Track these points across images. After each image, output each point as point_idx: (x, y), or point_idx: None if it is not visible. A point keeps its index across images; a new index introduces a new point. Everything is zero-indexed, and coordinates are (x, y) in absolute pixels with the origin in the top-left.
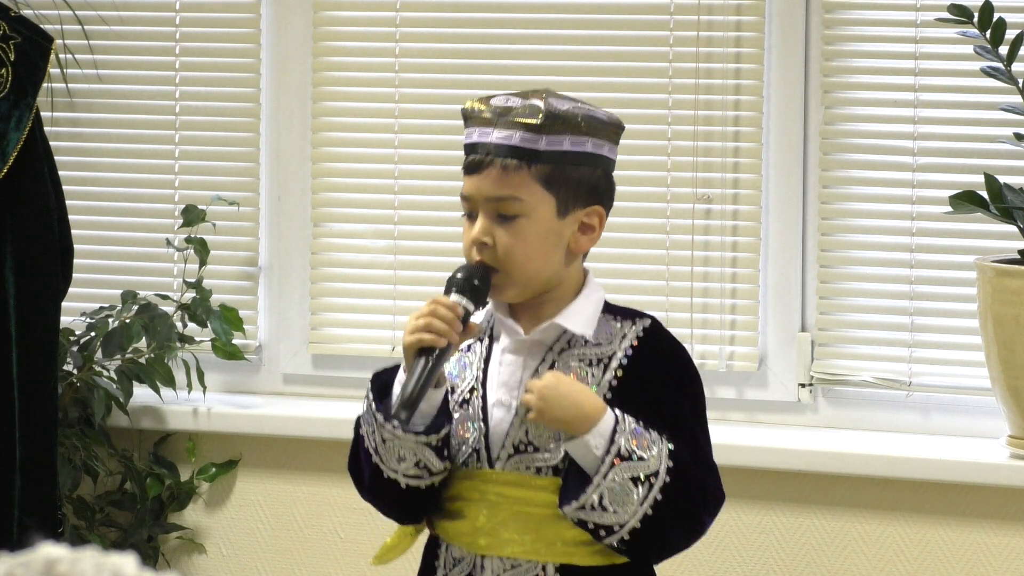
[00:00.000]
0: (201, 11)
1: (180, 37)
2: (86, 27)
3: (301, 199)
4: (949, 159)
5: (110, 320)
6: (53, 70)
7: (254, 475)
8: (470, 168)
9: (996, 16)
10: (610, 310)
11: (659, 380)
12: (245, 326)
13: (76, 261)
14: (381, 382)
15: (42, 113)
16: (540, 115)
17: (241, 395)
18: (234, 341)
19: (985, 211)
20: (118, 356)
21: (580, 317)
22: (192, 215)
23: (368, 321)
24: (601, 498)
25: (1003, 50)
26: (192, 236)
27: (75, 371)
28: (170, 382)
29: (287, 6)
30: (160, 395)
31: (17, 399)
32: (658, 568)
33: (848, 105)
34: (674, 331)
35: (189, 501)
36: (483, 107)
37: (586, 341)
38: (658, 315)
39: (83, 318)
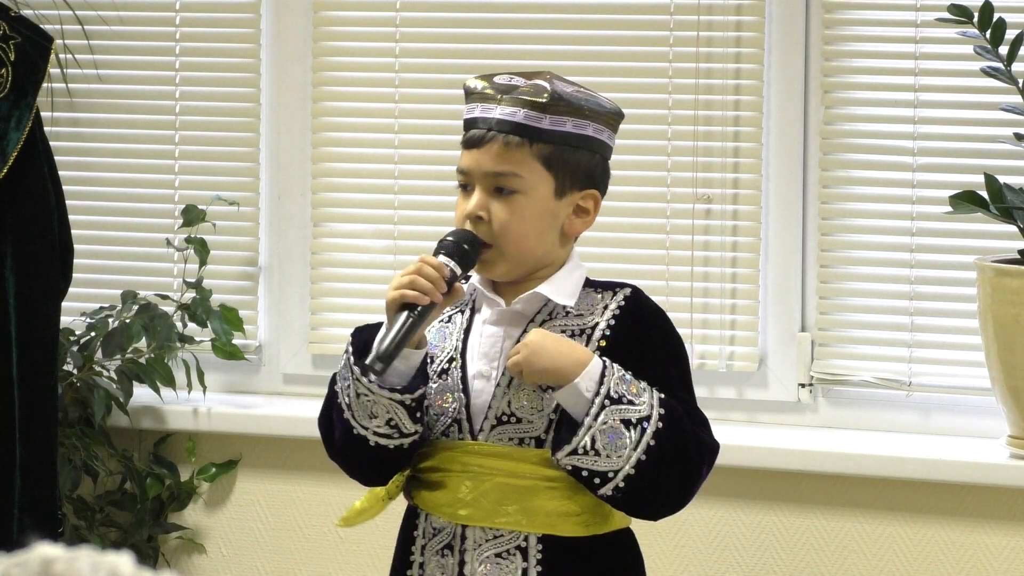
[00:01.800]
0: (201, 11)
1: (180, 37)
2: (86, 27)
3: (301, 199)
4: (949, 159)
5: (110, 320)
6: (53, 70)
7: (254, 475)
8: (471, 142)
9: (996, 16)
10: (591, 284)
11: (643, 346)
12: (245, 326)
13: (76, 261)
14: (363, 338)
15: (42, 113)
16: (546, 95)
17: (241, 395)
18: (234, 341)
19: (985, 211)
20: (118, 356)
21: (562, 288)
22: (192, 215)
23: (368, 321)
24: (593, 441)
25: (1003, 50)
26: (192, 236)
27: (75, 371)
28: (170, 382)
29: (287, 6)
30: (160, 395)
31: (17, 399)
32: (658, 567)
33: (848, 105)
34: None
35: (189, 501)
36: (486, 83)
37: (567, 312)
38: None
39: (83, 318)
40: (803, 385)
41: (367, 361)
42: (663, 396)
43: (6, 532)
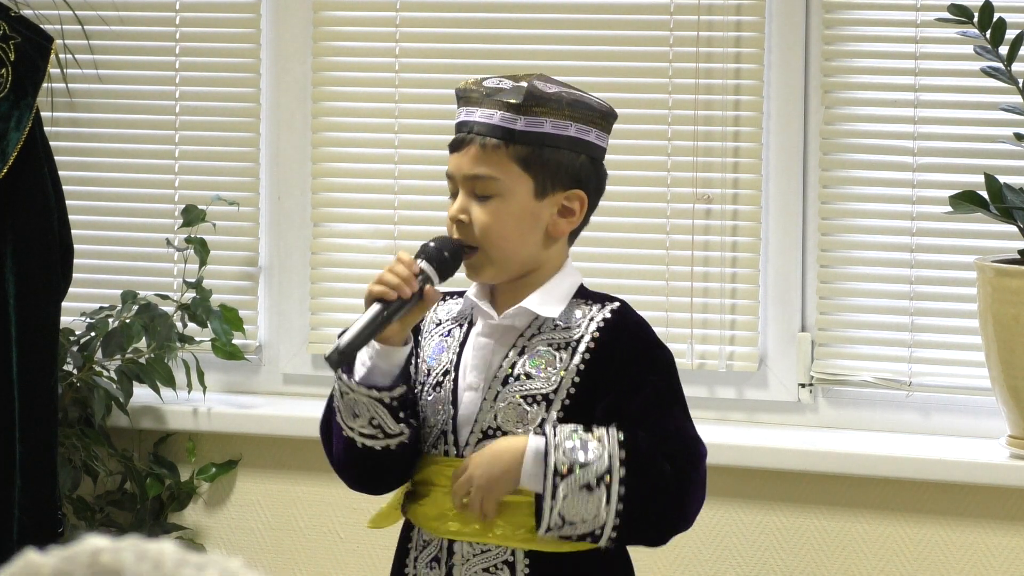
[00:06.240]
0: (201, 11)
1: (180, 37)
2: (86, 27)
3: (301, 199)
4: (949, 159)
5: (110, 320)
6: (53, 70)
7: (254, 475)
8: (453, 146)
9: (996, 16)
10: (583, 295)
11: (624, 361)
12: (245, 326)
13: (76, 261)
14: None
15: (42, 113)
16: (520, 95)
17: (241, 395)
18: (234, 341)
19: (985, 211)
20: (118, 356)
21: (550, 297)
22: (192, 215)
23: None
24: (563, 517)
25: (1003, 50)
26: (192, 236)
27: (75, 371)
28: (170, 382)
29: (287, 6)
30: (160, 395)
31: (17, 399)
32: (658, 567)
33: (848, 105)
34: (674, 331)
35: (189, 501)
36: (473, 87)
37: (556, 325)
38: (658, 315)
39: (83, 318)
40: (803, 385)
41: (326, 354)
42: (622, 436)
43: (6, 532)
